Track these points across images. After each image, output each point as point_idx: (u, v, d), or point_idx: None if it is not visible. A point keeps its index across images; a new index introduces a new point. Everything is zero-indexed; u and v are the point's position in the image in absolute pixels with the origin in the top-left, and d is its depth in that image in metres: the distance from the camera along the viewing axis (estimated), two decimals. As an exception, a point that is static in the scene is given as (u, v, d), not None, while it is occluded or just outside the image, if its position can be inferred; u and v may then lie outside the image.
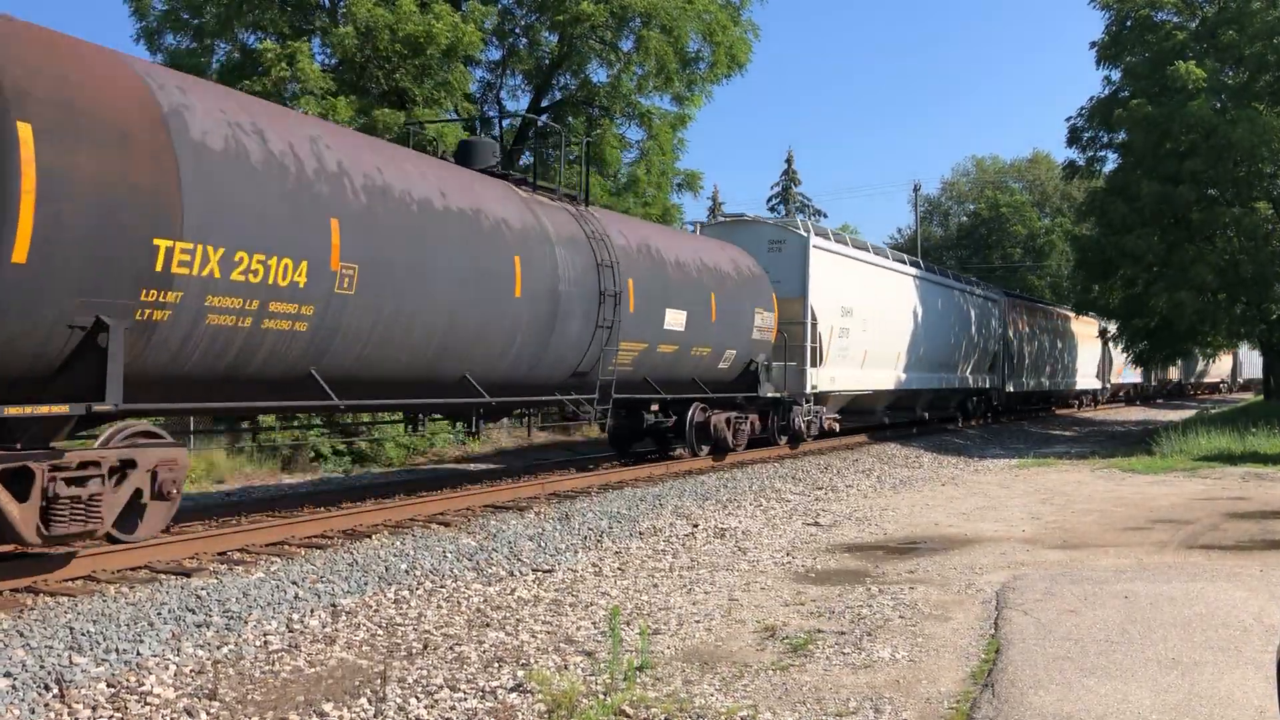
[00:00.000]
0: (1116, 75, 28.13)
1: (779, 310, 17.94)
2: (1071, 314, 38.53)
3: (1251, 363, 64.94)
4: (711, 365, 16.13)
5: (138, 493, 7.61)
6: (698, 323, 15.18)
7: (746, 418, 17.32)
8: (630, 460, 16.53)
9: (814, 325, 19.16)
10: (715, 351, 16.01)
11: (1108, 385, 46.32)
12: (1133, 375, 49.46)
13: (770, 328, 17.62)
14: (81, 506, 7.02)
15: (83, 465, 7.08)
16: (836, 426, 20.95)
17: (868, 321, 21.54)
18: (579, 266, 12.45)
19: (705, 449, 16.47)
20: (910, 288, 24.82)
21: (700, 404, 16.00)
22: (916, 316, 24.82)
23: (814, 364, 19.18)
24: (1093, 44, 28.45)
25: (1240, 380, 75.01)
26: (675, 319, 14.67)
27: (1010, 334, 31.67)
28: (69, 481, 6.94)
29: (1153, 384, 55.27)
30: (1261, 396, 36.21)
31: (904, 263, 25.31)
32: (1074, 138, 29.59)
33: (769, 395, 17.56)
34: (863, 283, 21.64)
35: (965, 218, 72.40)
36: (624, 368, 13.64)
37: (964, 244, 69.20)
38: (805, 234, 19.52)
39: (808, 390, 19.01)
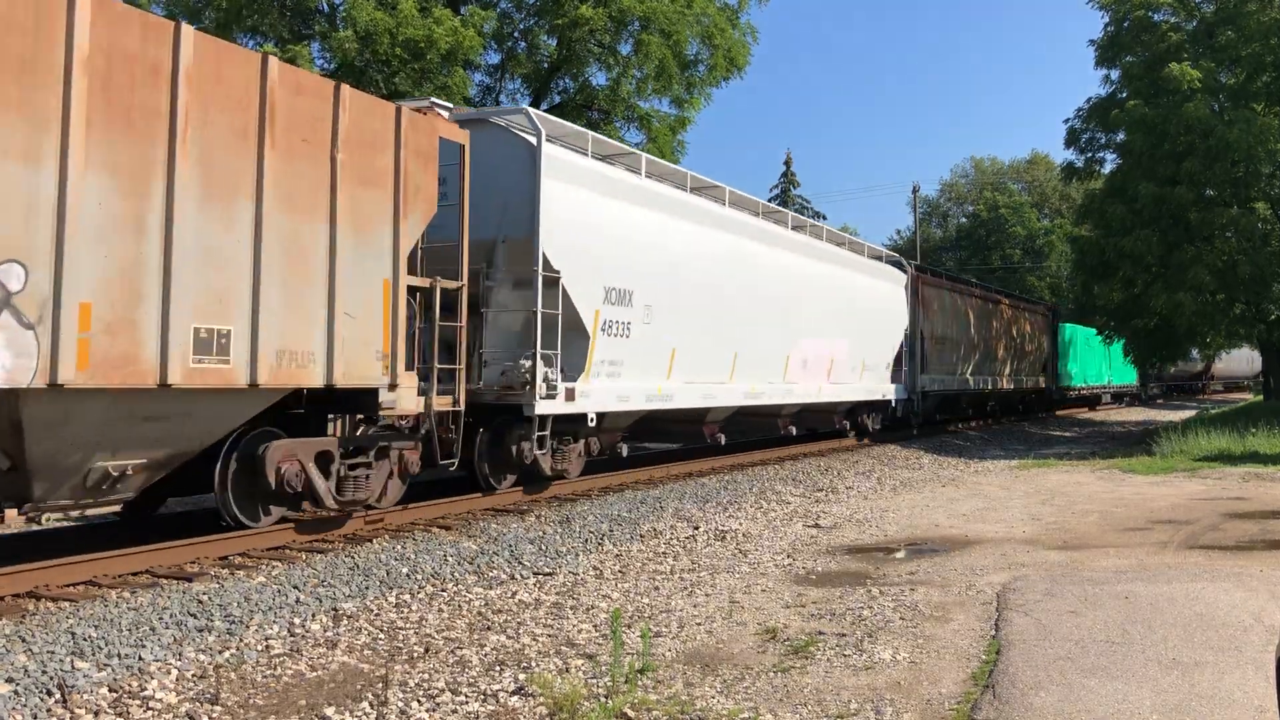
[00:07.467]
0: (1115, 75, 28.17)
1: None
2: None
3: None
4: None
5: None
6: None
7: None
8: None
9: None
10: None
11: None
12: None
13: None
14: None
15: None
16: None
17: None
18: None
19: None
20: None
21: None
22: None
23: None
24: (1091, 41, 28.49)
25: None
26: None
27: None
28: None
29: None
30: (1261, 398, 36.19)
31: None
32: (1072, 139, 29.60)
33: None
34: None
35: (964, 219, 72.55)
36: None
37: (963, 245, 69.32)
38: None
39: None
